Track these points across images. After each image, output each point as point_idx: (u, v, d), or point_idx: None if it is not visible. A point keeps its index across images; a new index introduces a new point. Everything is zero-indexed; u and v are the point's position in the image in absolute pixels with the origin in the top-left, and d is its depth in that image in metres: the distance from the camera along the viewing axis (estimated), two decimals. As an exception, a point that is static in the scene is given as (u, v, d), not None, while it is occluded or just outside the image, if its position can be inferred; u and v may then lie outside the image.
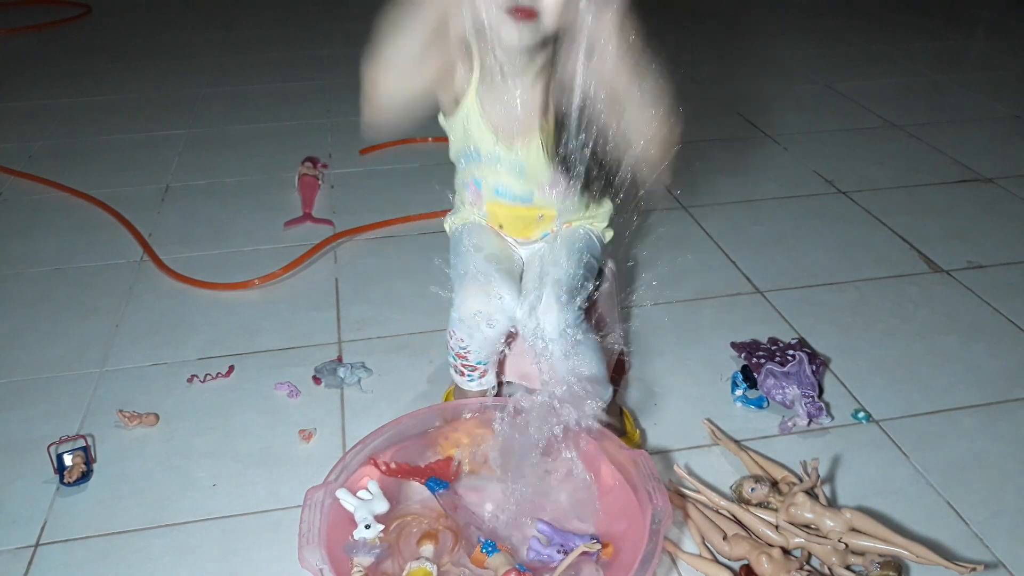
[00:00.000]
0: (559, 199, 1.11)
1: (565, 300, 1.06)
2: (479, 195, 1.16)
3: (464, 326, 1.11)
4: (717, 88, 2.69)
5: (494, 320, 1.09)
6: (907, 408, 1.31)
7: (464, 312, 1.09)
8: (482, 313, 1.08)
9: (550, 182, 1.10)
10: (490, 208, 1.16)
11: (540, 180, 1.10)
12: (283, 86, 2.76)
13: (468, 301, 1.08)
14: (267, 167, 2.17)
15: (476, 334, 1.11)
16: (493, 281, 1.08)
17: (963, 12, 3.54)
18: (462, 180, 1.17)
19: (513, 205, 1.14)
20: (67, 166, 2.18)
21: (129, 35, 3.36)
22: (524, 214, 1.15)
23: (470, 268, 1.11)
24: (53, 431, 1.27)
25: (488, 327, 1.09)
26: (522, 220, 1.16)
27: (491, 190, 1.13)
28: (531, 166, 1.08)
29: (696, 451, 1.23)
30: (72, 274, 1.71)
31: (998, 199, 1.97)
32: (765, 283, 1.64)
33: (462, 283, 1.10)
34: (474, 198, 1.17)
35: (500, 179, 1.12)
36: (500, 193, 1.13)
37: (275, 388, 1.37)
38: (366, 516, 0.99)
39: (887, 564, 0.99)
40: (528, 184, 1.11)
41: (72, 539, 1.11)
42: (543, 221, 1.16)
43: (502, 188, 1.12)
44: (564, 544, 0.98)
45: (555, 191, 1.10)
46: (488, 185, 1.13)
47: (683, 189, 2.00)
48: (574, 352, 1.09)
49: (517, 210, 1.14)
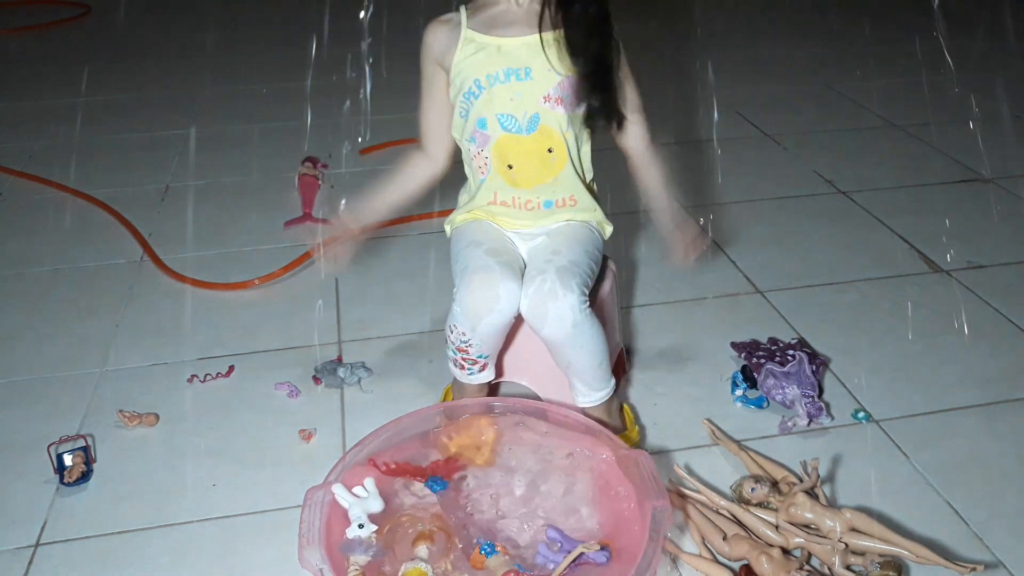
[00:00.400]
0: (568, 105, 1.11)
1: (570, 287, 1.07)
2: (486, 137, 1.14)
3: (466, 319, 1.11)
4: (717, 88, 2.69)
5: (496, 312, 1.09)
6: (907, 408, 1.31)
7: (466, 305, 1.09)
8: (484, 306, 1.08)
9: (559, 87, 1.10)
10: (498, 149, 1.14)
11: (549, 88, 1.10)
12: (283, 86, 2.76)
13: (470, 294, 1.08)
14: (267, 167, 2.17)
15: (478, 327, 1.11)
16: (494, 273, 1.08)
17: (963, 12, 3.54)
18: (467, 136, 1.16)
19: (520, 136, 1.13)
20: (67, 166, 2.18)
21: (129, 35, 3.37)
22: (533, 148, 1.14)
23: (471, 262, 1.11)
24: (53, 431, 1.27)
25: (490, 319, 1.09)
26: (533, 157, 1.14)
27: (496, 125, 1.13)
28: (535, 68, 1.09)
29: (696, 451, 1.23)
30: (72, 274, 1.71)
31: (998, 199, 1.96)
32: (765, 283, 1.64)
33: (463, 276, 1.10)
34: (481, 146, 1.15)
35: (504, 105, 1.11)
36: (505, 125, 1.12)
37: (275, 388, 1.37)
38: (360, 515, 0.99)
39: (887, 564, 0.99)
40: (532, 98, 1.11)
41: (72, 539, 1.11)
42: (555, 159, 1.15)
43: (506, 117, 1.12)
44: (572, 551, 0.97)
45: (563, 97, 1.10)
46: (493, 120, 1.12)
47: (683, 189, 2.00)
48: (578, 340, 1.09)
49: (524, 143, 1.13)
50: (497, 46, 1.10)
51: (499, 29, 1.11)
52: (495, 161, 1.15)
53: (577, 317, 1.07)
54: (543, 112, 1.11)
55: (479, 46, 1.11)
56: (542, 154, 1.14)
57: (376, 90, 2.67)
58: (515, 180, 1.16)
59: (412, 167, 1.23)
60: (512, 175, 1.16)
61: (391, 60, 2.93)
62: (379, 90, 2.66)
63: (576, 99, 1.10)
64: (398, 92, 2.60)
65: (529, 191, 1.16)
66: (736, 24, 3.44)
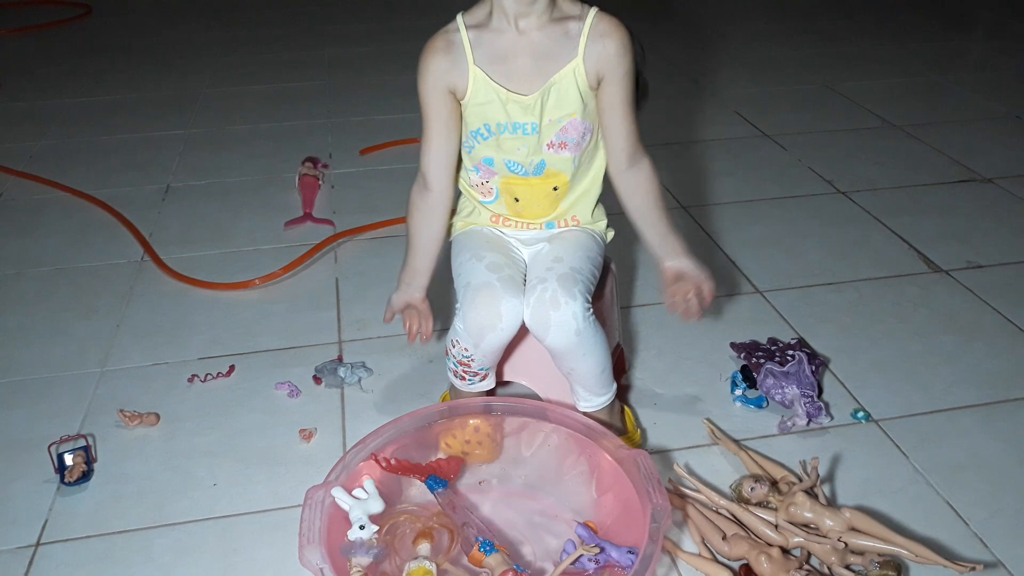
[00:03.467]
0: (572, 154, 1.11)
1: (573, 295, 1.06)
2: (492, 172, 1.14)
3: (469, 337, 1.11)
4: (717, 88, 2.69)
5: (499, 330, 1.08)
6: (906, 408, 1.31)
7: (469, 323, 1.09)
8: (488, 323, 1.08)
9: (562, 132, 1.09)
10: (504, 185, 1.15)
11: (552, 135, 1.09)
12: (283, 86, 2.76)
13: (473, 312, 1.08)
14: (267, 167, 2.17)
15: (481, 344, 1.11)
16: (496, 291, 1.08)
17: (963, 12, 3.54)
18: (471, 166, 1.16)
19: (526, 178, 1.13)
20: (67, 166, 2.19)
21: (129, 35, 3.37)
22: (539, 187, 1.14)
23: (472, 278, 1.10)
24: (54, 431, 1.27)
25: (493, 336, 1.09)
26: (539, 195, 1.15)
27: (503, 166, 1.13)
28: (544, 114, 1.08)
29: (696, 451, 1.23)
30: (72, 274, 1.71)
31: (998, 199, 1.97)
32: (765, 283, 1.64)
33: (466, 293, 1.09)
34: (486, 177, 1.15)
35: (511, 153, 1.11)
36: (512, 169, 1.12)
37: (275, 388, 1.37)
38: (361, 516, 0.99)
39: (886, 563, 0.99)
40: (540, 148, 1.10)
41: (72, 539, 1.11)
42: (560, 194, 1.15)
43: (512, 163, 1.12)
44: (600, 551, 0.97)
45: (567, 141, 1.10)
46: (500, 163, 1.12)
47: (683, 189, 2.00)
48: (582, 348, 1.09)
49: (531, 183, 1.14)
50: (504, 100, 1.07)
51: (505, 68, 1.07)
52: (502, 192, 1.16)
53: (580, 325, 1.06)
54: (548, 157, 1.11)
55: (487, 95, 1.08)
56: (548, 191, 1.15)
57: (376, 90, 2.67)
58: (519, 212, 1.17)
59: (429, 217, 1.18)
60: (517, 207, 1.17)
61: (391, 59, 2.93)
62: (379, 90, 2.67)
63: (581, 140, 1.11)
64: (398, 92, 2.62)
65: (532, 219, 1.18)
66: (736, 24, 3.44)
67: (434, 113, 1.11)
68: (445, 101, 1.10)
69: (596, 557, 0.96)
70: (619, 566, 0.96)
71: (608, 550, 0.97)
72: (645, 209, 1.15)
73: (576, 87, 1.07)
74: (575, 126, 1.09)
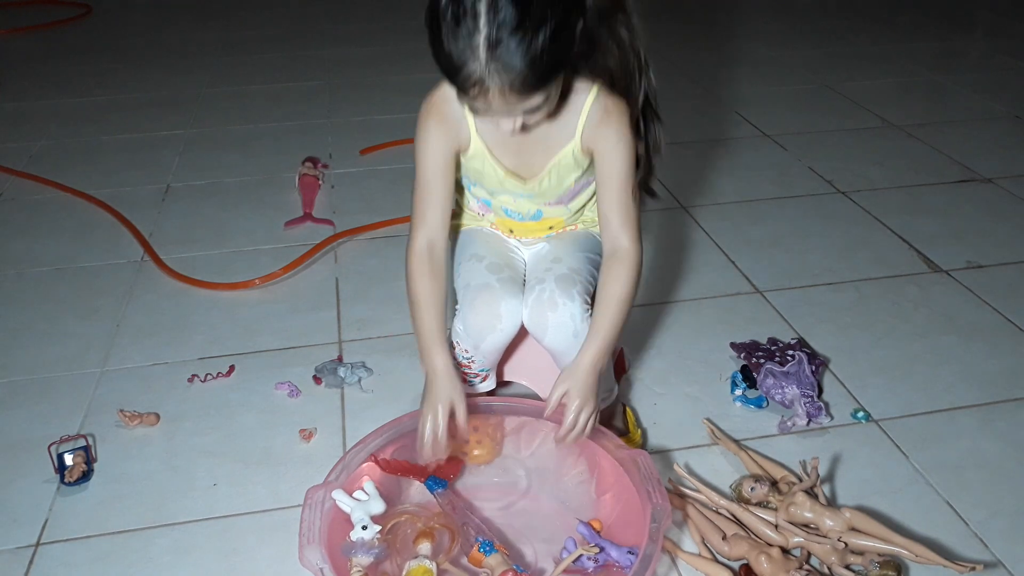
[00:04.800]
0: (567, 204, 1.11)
1: (571, 296, 1.06)
2: (487, 210, 1.16)
3: (469, 338, 1.11)
4: (717, 88, 2.69)
5: (499, 331, 1.08)
6: (906, 408, 1.31)
7: (469, 324, 1.09)
8: (488, 324, 1.08)
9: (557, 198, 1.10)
10: (500, 221, 1.17)
11: (549, 201, 1.10)
12: (283, 86, 2.76)
13: (473, 314, 1.08)
14: (267, 167, 2.17)
15: (481, 345, 1.11)
16: (496, 293, 1.08)
17: (963, 12, 3.54)
18: (469, 194, 1.16)
19: (522, 222, 1.15)
20: (67, 166, 2.19)
21: (129, 35, 3.36)
22: (535, 227, 1.16)
23: (472, 279, 1.10)
24: (54, 431, 1.27)
25: (493, 338, 1.09)
26: (535, 231, 1.17)
27: (500, 210, 1.14)
28: (541, 195, 1.09)
29: (696, 451, 1.23)
30: (72, 274, 1.71)
31: (998, 199, 1.97)
32: (765, 283, 1.64)
33: (465, 295, 1.10)
34: (482, 211, 1.17)
35: (508, 204, 1.12)
36: (509, 214, 1.13)
37: (275, 388, 1.37)
38: (363, 517, 0.99)
39: (886, 563, 0.99)
40: (536, 204, 1.11)
41: (72, 538, 1.11)
42: (553, 230, 1.17)
43: (511, 210, 1.13)
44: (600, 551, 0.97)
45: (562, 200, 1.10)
46: (497, 206, 1.13)
47: (683, 189, 2.00)
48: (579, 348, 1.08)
49: (527, 224, 1.15)
50: (502, 179, 1.06)
51: (504, 146, 1.04)
52: (498, 223, 1.18)
53: (578, 326, 1.06)
54: (544, 210, 1.12)
55: (484, 166, 1.06)
56: (543, 230, 1.16)
57: (376, 90, 2.67)
58: (515, 235, 1.19)
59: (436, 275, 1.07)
60: (513, 235, 1.19)
61: (391, 59, 2.93)
62: (379, 90, 2.67)
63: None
64: (398, 92, 2.62)
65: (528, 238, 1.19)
66: (736, 24, 3.45)
67: (437, 172, 1.05)
68: (448, 160, 1.05)
69: (596, 556, 0.96)
70: (618, 566, 0.96)
71: (608, 550, 0.97)
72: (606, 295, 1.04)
73: (573, 163, 1.05)
74: (568, 193, 1.10)
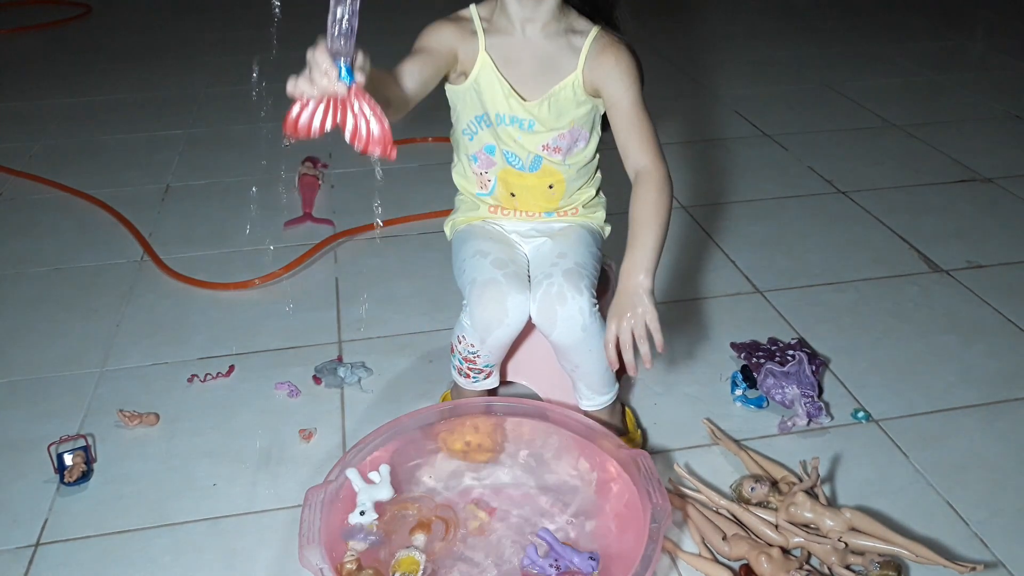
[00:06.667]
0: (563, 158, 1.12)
1: (579, 290, 1.06)
2: (491, 162, 1.15)
3: (476, 333, 1.11)
4: (717, 88, 2.69)
5: (506, 326, 1.08)
6: (906, 408, 1.31)
7: (476, 319, 1.09)
8: (495, 319, 1.08)
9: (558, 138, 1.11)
10: (501, 177, 1.16)
11: (548, 138, 1.11)
12: (283, 86, 2.75)
13: (480, 308, 1.08)
14: (267, 167, 2.17)
15: (488, 339, 1.11)
16: (502, 287, 1.08)
17: (963, 12, 3.54)
18: (471, 153, 1.16)
19: (522, 173, 1.14)
20: (67, 166, 2.19)
21: (129, 35, 3.36)
22: (535, 184, 1.15)
23: (478, 275, 1.10)
24: (53, 431, 1.27)
25: (500, 332, 1.09)
26: (535, 191, 1.16)
27: (502, 157, 1.14)
28: (542, 120, 1.09)
29: (696, 451, 1.23)
30: (72, 274, 1.71)
31: (998, 199, 1.97)
32: (765, 283, 1.64)
33: (472, 290, 1.09)
34: (485, 167, 1.16)
35: (509, 144, 1.12)
36: (510, 160, 1.13)
37: (275, 388, 1.37)
38: (365, 502, 1.00)
39: (887, 564, 0.99)
40: (537, 141, 1.11)
41: (72, 539, 1.11)
42: (555, 192, 1.16)
43: (511, 153, 1.13)
44: (560, 559, 0.97)
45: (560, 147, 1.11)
46: (499, 153, 1.13)
47: (683, 189, 2.00)
48: (588, 343, 1.09)
49: (527, 179, 1.15)
50: (506, 95, 1.09)
51: (510, 67, 1.08)
52: (499, 185, 1.17)
53: (587, 320, 1.07)
54: (544, 156, 1.13)
55: (491, 83, 1.09)
56: (543, 189, 1.16)
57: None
58: (516, 205, 1.19)
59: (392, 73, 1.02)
60: (514, 201, 1.18)
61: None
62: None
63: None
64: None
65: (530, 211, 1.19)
66: (736, 24, 3.45)
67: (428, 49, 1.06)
68: (443, 51, 1.07)
69: (557, 563, 0.96)
70: (580, 572, 0.96)
71: (569, 555, 0.97)
72: (632, 216, 1.06)
73: (574, 99, 1.09)
74: (567, 135, 1.11)
